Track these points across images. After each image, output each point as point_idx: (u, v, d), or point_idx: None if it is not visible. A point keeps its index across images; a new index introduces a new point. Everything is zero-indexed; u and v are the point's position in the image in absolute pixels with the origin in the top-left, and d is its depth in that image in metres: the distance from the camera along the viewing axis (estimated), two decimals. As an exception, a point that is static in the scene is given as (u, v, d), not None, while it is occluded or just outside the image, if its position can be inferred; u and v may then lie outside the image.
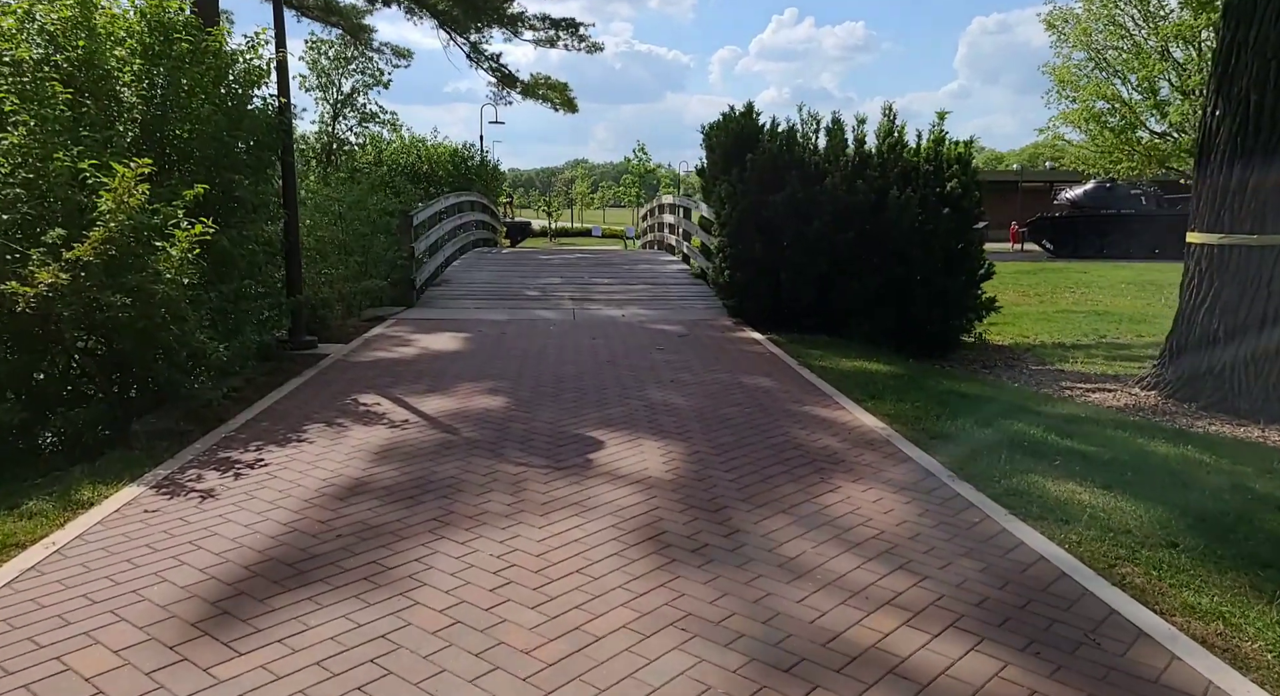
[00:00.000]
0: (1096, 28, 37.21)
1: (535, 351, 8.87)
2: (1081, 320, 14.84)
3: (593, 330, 10.31)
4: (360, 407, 6.54)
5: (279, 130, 8.56)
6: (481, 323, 10.85)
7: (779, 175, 10.07)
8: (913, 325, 10.06)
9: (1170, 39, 34.81)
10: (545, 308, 12.10)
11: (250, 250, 7.83)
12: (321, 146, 35.28)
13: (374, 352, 8.84)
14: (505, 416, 6.26)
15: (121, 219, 5.83)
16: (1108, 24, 37.17)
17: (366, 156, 24.39)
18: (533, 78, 24.47)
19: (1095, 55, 38.03)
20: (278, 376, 7.66)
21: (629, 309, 12.01)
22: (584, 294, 13.14)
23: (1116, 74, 37.65)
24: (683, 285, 13.89)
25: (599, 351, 8.88)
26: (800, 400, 6.78)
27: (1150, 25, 36.06)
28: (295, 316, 8.86)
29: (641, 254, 19.03)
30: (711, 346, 9.22)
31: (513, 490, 4.67)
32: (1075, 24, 38.42)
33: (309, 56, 37.58)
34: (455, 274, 14.87)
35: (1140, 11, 36.35)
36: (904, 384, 7.49)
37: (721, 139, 11.01)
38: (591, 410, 6.46)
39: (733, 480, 4.82)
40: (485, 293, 13.15)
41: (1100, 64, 38.01)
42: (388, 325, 10.64)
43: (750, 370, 7.97)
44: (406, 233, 12.17)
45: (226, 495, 4.60)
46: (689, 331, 10.23)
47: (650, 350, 8.97)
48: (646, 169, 59.74)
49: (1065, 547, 3.87)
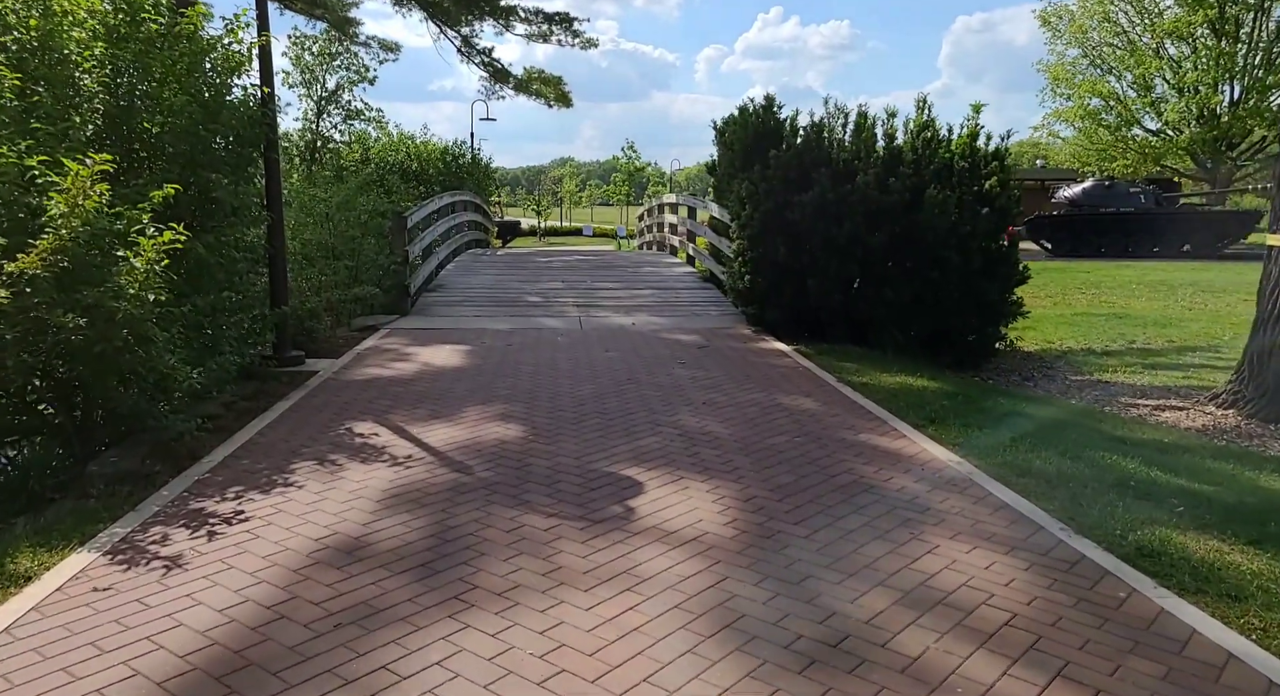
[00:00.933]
0: (1091, 24, 36.68)
1: (546, 366, 8.03)
2: (1103, 324, 14.14)
3: (604, 341, 9.48)
4: (356, 439, 5.69)
5: (262, 124, 7.68)
6: (483, 333, 9.99)
7: (806, 173, 9.27)
8: (946, 334, 9.31)
9: (1165, 36, 34.29)
10: (549, 315, 11.26)
11: (229, 257, 6.96)
12: (306, 144, 34.30)
13: (368, 369, 7.98)
14: (524, 449, 5.43)
15: (75, 225, 4.97)
16: (1102, 20, 36.64)
17: (353, 154, 23.41)
18: (526, 72, 23.58)
19: (1090, 52, 37.51)
20: (261, 399, 6.79)
21: (638, 316, 11.19)
22: (589, 299, 12.30)
23: (1111, 71, 37.16)
24: (692, 289, 13.08)
25: (615, 366, 8.05)
26: (853, 426, 5.99)
27: (1145, 21, 35.55)
28: (280, 330, 7.99)
29: (643, 255, 18.21)
30: (736, 360, 8.41)
31: (546, 553, 3.85)
32: (1070, 20, 37.96)
33: (292, 52, 36.62)
34: (451, 278, 14.00)
35: (1135, 8, 35.83)
36: (959, 404, 6.71)
37: (740, 135, 10.21)
38: (620, 440, 5.63)
39: (806, 537, 4.01)
40: (484, 299, 12.29)
41: (1095, 61, 37.49)
42: (381, 336, 9.78)
43: (786, 388, 7.17)
44: (400, 235, 11.29)
45: (198, 563, 3.75)
46: (708, 342, 9.42)
47: (671, 364, 8.15)
48: (636, 168, 58.85)
49: (1254, 639, 3.09)
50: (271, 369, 7.78)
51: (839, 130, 9.69)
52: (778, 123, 9.90)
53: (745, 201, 9.74)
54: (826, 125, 9.55)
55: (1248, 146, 35.32)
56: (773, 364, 8.24)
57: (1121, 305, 17.04)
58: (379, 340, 9.52)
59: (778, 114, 9.95)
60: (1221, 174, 35.55)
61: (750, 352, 8.81)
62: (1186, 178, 37.87)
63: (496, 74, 22.94)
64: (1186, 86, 34.13)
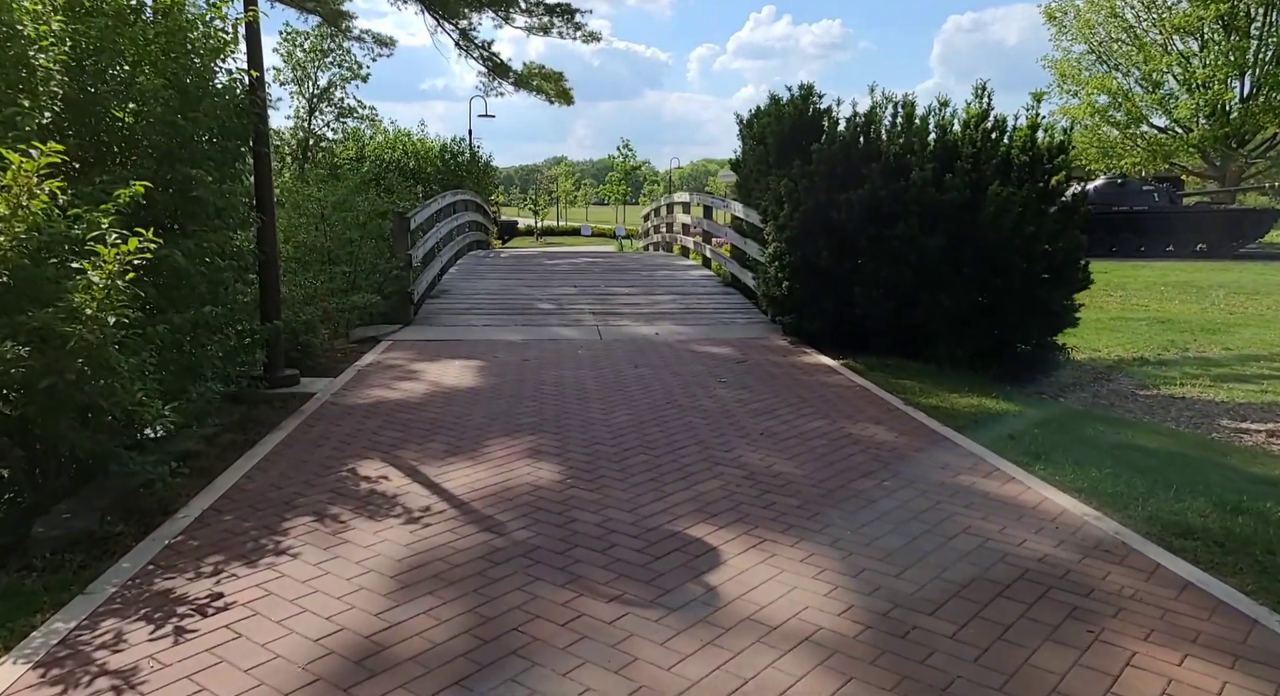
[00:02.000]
0: (1098, 19, 35.86)
1: (571, 386, 7.10)
2: (1144, 329, 13.29)
3: (629, 354, 8.56)
4: (360, 483, 4.75)
5: (250, 113, 6.72)
6: (495, 345, 9.05)
7: (853, 169, 8.35)
8: (1002, 345, 8.41)
9: (1175, 31, 33.50)
10: (565, 324, 10.32)
11: (213, 266, 5.99)
12: (298, 143, 33.30)
13: (371, 390, 7.03)
14: (563, 497, 4.50)
15: (18, 230, 4.03)
16: (1109, 16, 35.84)
17: (347, 152, 22.40)
18: (526, 67, 22.63)
19: (1097, 47, 36.70)
20: (250, 430, 5.84)
21: (661, 325, 10.26)
22: (605, 306, 11.37)
23: (1118, 68, 36.35)
24: (714, 295, 12.15)
25: (650, 385, 7.13)
26: (946, 464, 5.07)
27: (1153, 16, 34.74)
28: (272, 346, 7.04)
29: (654, 257, 17.28)
30: (782, 377, 7.49)
31: (618, 661, 2.92)
32: (1076, 16, 37.14)
33: (283, 48, 35.64)
34: (455, 283, 13.05)
35: (1143, 2, 35.02)
36: (1054, 433, 5.80)
37: (774, 127, 9.28)
38: (675, 483, 4.71)
39: (952, 637, 3.08)
40: (492, 306, 11.34)
41: (1102, 57, 36.69)
42: (384, 350, 8.82)
43: (850, 413, 6.25)
44: (402, 237, 10.34)
45: (158, 682, 2.81)
46: (744, 355, 8.50)
47: (710, 383, 7.23)
48: (632, 166, 57.91)
49: None
50: (262, 391, 6.83)
51: (889, 122, 8.74)
52: (818, 113, 8.98)
53: (784, 200, 8.82)
54: (876, 115, 8.61)
55: (1258, 143, 34.58)
56: (824, 382, 7.32)
57: (1156, 308, 16.19)
58: (381, 354, 8.56)
59: (817, 104, 9.04)
60: (1231, 172, 34.82)
61: (795, 368, 7.88)
62: (1194, 175, 37.11)
63: (496, 69, 21.97)
64: (1196, 82, 33.36)
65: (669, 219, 18.84)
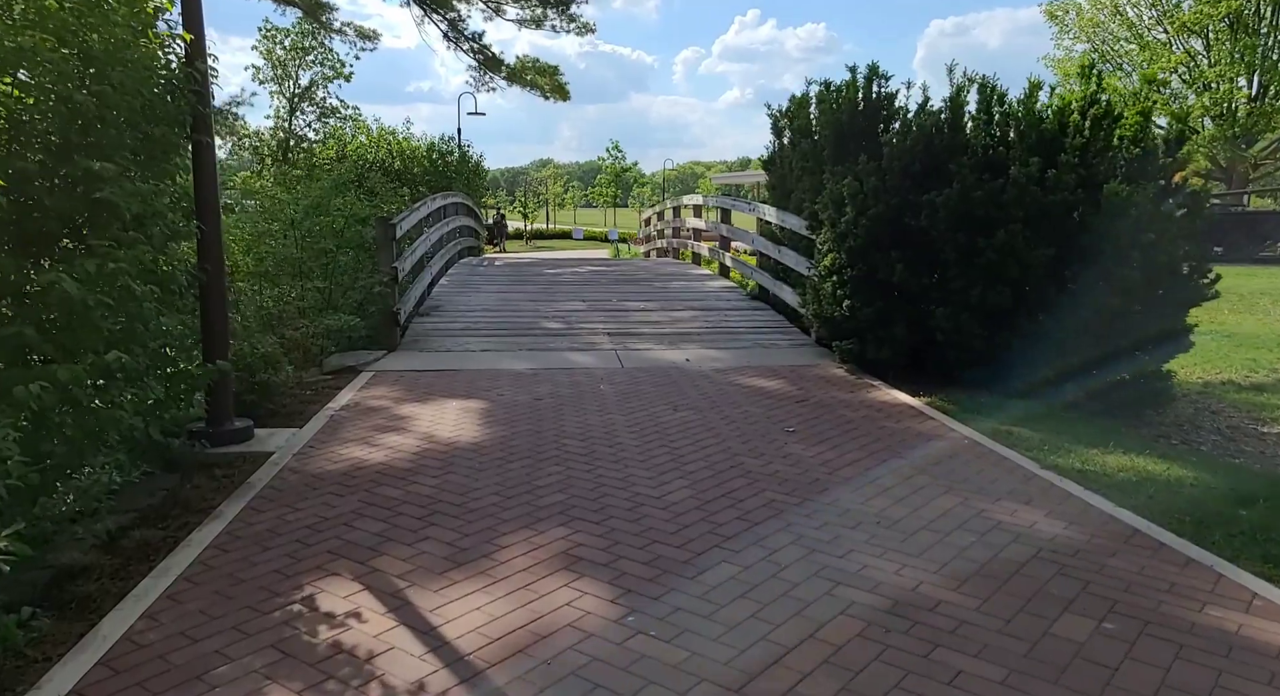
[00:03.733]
0: (1102, 18, 34.54)
1: (601, 439, 5.50)
2: (1212, 345, 11.76)
3: (662, 388, 6.97)
4: (320, 630, 3.13)
5: (185, 91, 5.10)
6: (499, 377, 7.44)
7: (936, 165, 6.79)
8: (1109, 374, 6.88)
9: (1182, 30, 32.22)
10: (578, 347, 8.72)
11: (125, 294, 4.36)
12: (278, 143, 31.52)
13: (346, 446, 5.40)
14: (631, 656, 2.90)
15: None
16: (1112, 14, 34.55)
17: (327, 152, 20.67)
18: (519, 61, 21.00)
19: (1099, 47, 35.40)
20: (172, 521, 4.20)
21: (689, 348, 8.68)
22: (620, 324, 9.76)
23: (1120, 67, 35.05)
24: (742, 311, 10.57)
25: (700, 437, 5.54)
26: (1172, 585, 3.49)
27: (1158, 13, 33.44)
28: (217, 392, 5.40)
29: (663, 265, 15.66)
30: (863, 425, 5.91)
31: None
32: (1078, 15, 35.84)
33: (263, 46, 33.84)
34: (448, 296, 11.40)
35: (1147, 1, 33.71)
36: (1271, 516, 4.25)
37: (831, 116, 7.70)
38: (788, 626, 3.12)
39: None
40: (491, 325, 9.71)
41: (1104, 55, 35.38)
42: (364, 385, 7.18)
43: (978, 483, 4.68)
44: (388, 247, 8.69)
45: None
46: (803, 390, 6.93)
47: (775, 433, 5.65)
48: (623, 168, 56.27)
49: None
50: (203, 452, 5.18)
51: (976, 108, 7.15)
52: (884, 99, 7.42)
53: (844, 203, 7.25)
54: (961, 100, 7.02)
55: (1267, 144, 33.36)
56: (918, 431, 5.74)
57: (1207, 319, 14.69)
58: (361, 392, 6.92)
59: (885, 86, 7.47)
60: (1238, 173, 33.60)
61: (872, 410, 6.31)
62: (1199, 177, 35.87)
63: (488, 62, 20.33)
64: (1201, 82, 32.09)
65: (675, 223, 17.24)
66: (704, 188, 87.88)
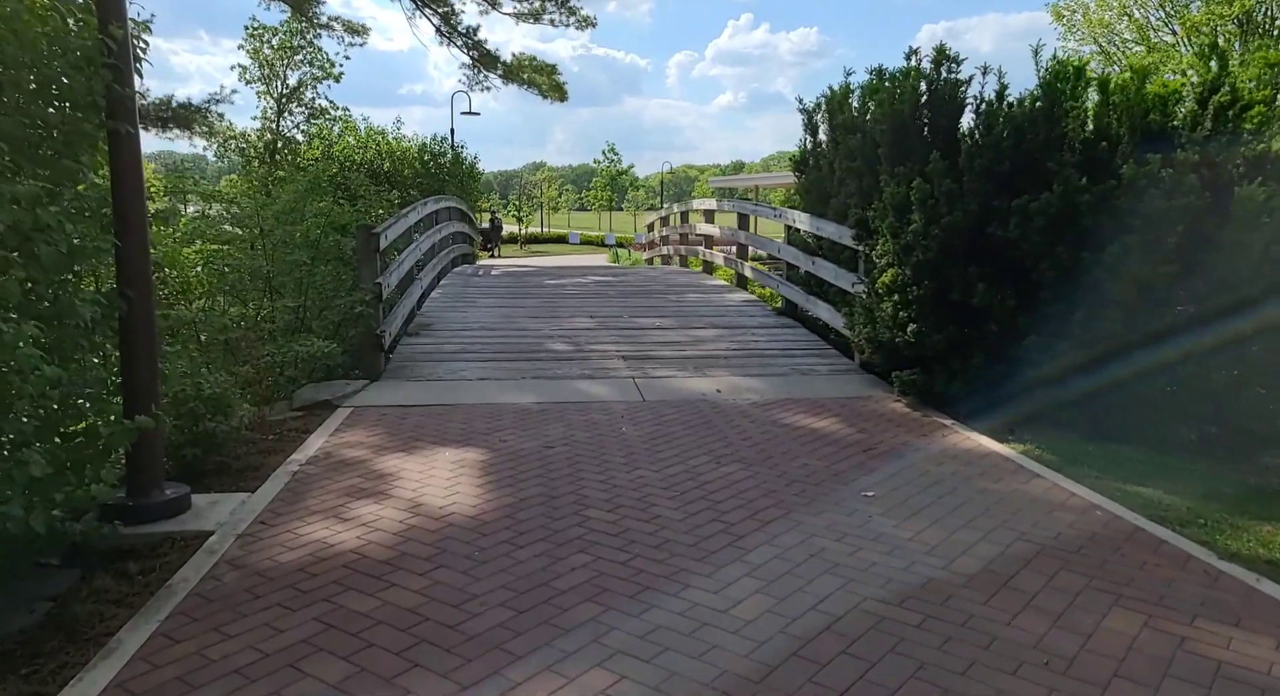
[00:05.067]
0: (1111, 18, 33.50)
1: (634, 509, 4.28)
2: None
3: (696, 431, 5.75)
4: None
5: (95, 66, 3.87)
6: (501, 414, 6.21)
7: (1030, 164, 5.60)
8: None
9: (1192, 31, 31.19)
10: (589, 374, 7.49)
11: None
12: (265, 145, 30.17)
13: (307, 525, 4.16)
14: None
15: None
16: (1119, 15, 33.53)
17: (313, 152, 19.36)
18: (515, 58, 19.74)
19: (1105, 47, 34.39)
20: (45, 662, 2.96)
21: (718, 376, 7.47)
22: (635, 346, 8.54)
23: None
24: (770, 329, 9.35)
25: (757, 504, 4.32)
26: None
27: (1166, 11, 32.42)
28: (142, 453, 4.16)
29: (673, 274, 14.40)
30: (953, 482, 4.71)
31: None
32: (1084, 15, 34.83)
33: (250, 45, 32.47)
34: (440, 312, 10.15)
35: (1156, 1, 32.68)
36: None
37: (889, 108, 6.50)
38: None
39: None
40: (490, 346, 8.47)
41: (1111, 58, 34.37)
42: (339, 426, 5.94)
43: (1160, 594, 3.47)
44: (371, 260, 7.45)
45: None
46: (864, 433, 5.72)
47: (849, 497, 4.45)
48: (619, 171, 55.05)
49: None
50: (117, 535, 3.94)
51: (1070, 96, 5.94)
52: (952, 87, 6.22)
53: (907, 209, 6.05)
54: (1059, 88, 5.79)
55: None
56: (1030, 497, 4.53)
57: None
58: (334, 437, 5.68)
59: (956, 74, 6.26)
60: (1248, 176, 32.58)
61: (958, 462, 5.10)
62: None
63: (482, 59, 19.07)
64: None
65: (684, 229, 16.02)
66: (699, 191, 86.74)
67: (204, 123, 19.62)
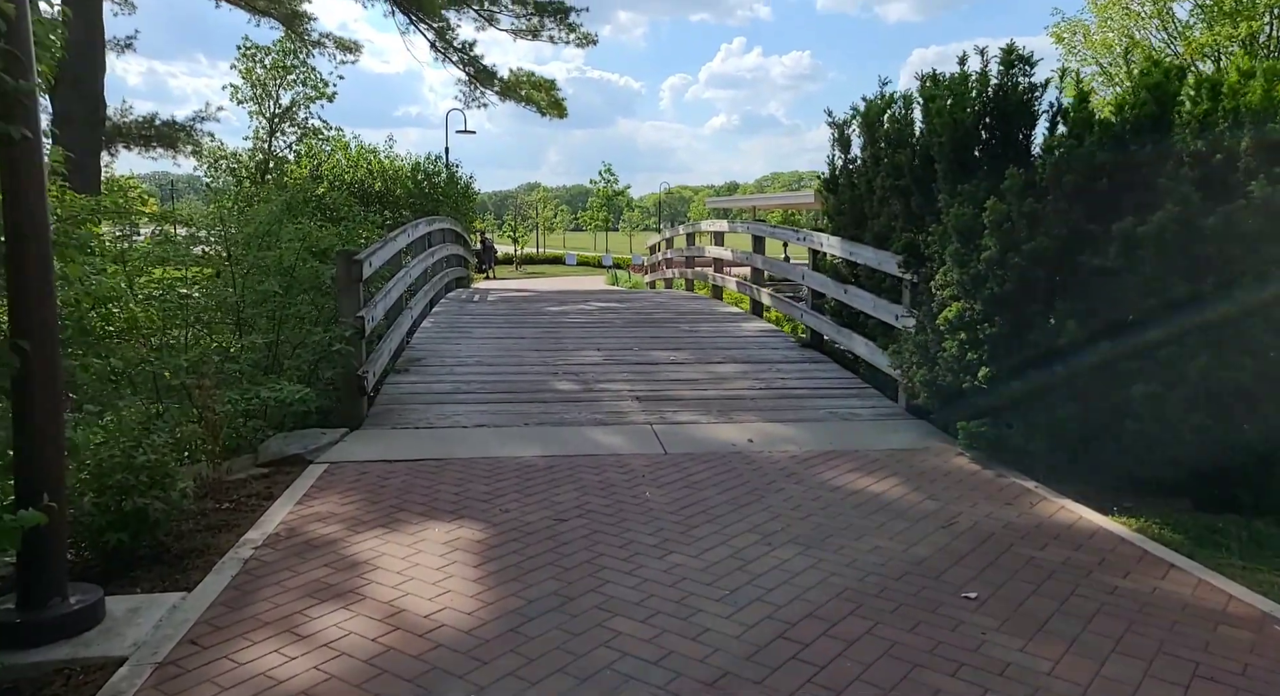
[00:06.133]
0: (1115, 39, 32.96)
1: (673, 619, 3.29)
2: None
3: (729, 493, 4.77)
4: None
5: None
6: (501, 472, 5.22)
7: (1131, 182, 4.68)
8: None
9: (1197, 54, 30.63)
10: (600, 419, 6.51)
11: None
12: (256, 165, 29.31)
13: (253, 645, 3.15)
14: None
15: None
16: (1121, 35, 32.99)
17: (300, 171, 18.41)
18: (513, 74, 18.88)
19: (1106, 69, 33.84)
20: None
21: (746, 422, 6.50)
22: (650, 385, 7.57)
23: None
24: (795, 364, 8.39)
25: (831, 609, 3.33)
26: None
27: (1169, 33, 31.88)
28: (38, 550, 3.16)
29: (682, 300, 13.41)
30: (1082, 584, 3.72)
31: None
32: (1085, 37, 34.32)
33: (242, 65, 31.71)
34: (431, 344, 9.17)
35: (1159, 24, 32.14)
36: None
37: (947, 118, 5.57)
38: None
39: None
40: (486, 385, 7.48)
41: (1112, 78, 33.80)
42: (308, 493, 4.92)
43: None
44: (352, 290, 6.47)
45: None
46: (935, 500, 4.74)
47: (948, 604, 3.47)
48: (615, 192, 54.27)
49: None
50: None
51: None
52: (1027, 94, 5.31)
53: (982, 232, 5.12)
54: (1168, 88, 4.87)
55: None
56: (1182, 601, 3.55)
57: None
58: (301, 507, 4.67)
59: (1029, 76, 5.33)
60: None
61: (1064, 545, 4.12)
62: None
63: (479, 75, 18.20)
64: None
65: (690, 251, 15.09)
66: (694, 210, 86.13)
67: (189, 141, 18.70)
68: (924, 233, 6.02)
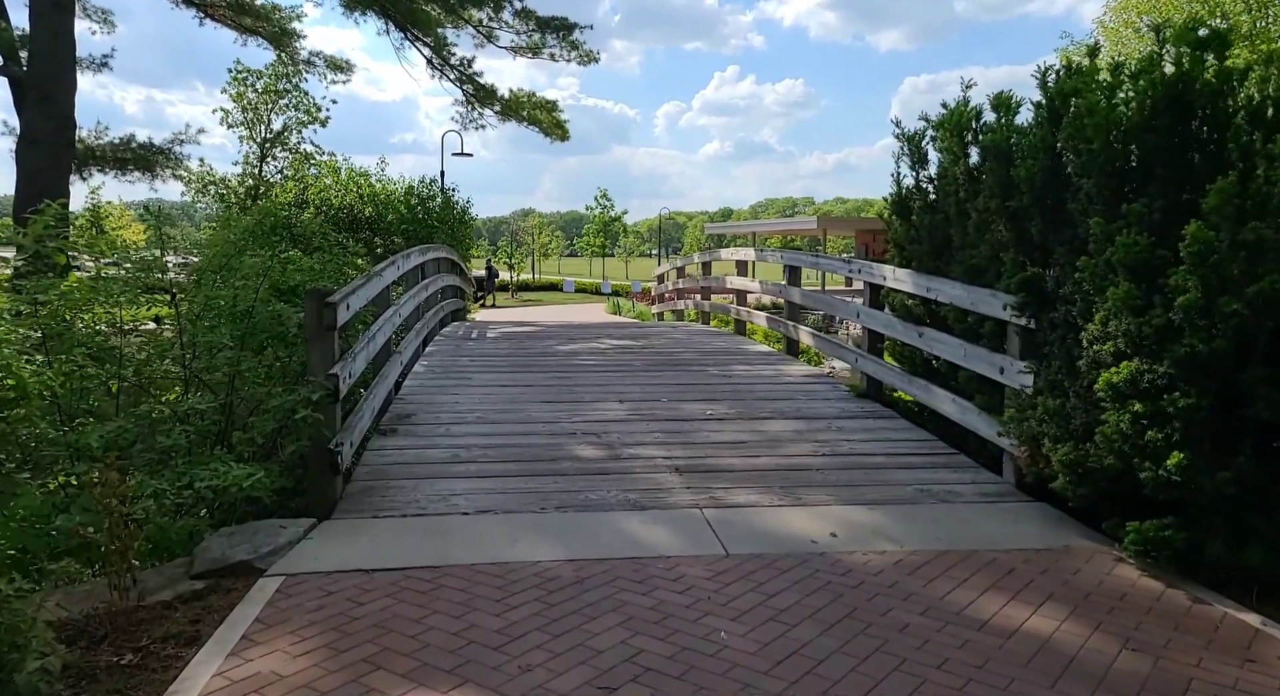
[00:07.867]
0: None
1: None
2: None
3: (832, 630, 3.34)
4: None
5: None
6: (513, 588, 3.76)
7: None
8: None
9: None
10: (635, 501, 5.06)
11: None
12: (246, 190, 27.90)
13: None
14: None
15: None
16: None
17: (286, 195, 17.01)
18: (513, 94, 17.59)
19: (1112, 93, 32.97)
20: None
21: (818, 503, 5.07)
22: (688, 448, 6.13)
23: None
24: (856, 420, 6.96)
25: None
26: None
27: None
28: None
29: (701, 336, 11.95)
30: None
31: None
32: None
33: (233, 89, 30.39)
34: (424, 394, 7.71)
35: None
36: None
37: (1101, 119, 4.20)
38: None
39: None
40: (489, 452, 6.02)
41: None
42: (244, 640, 3.44)
43: None
44: (324, 340, 5.02)
45: None
46: (1112, 634, 3.32)
47: None
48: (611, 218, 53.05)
49: None
50: None
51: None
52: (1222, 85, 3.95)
53: (1169, 270, 3.73)
54: None
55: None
56: None
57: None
58: (232, 668, 3.19)
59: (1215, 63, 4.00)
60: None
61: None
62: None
63: (479, 93, 16.91)
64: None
65: (706, 282, 13.69)
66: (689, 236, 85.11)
67: (167, 164, 17.30)
68: (1049, 267, 4.65)
